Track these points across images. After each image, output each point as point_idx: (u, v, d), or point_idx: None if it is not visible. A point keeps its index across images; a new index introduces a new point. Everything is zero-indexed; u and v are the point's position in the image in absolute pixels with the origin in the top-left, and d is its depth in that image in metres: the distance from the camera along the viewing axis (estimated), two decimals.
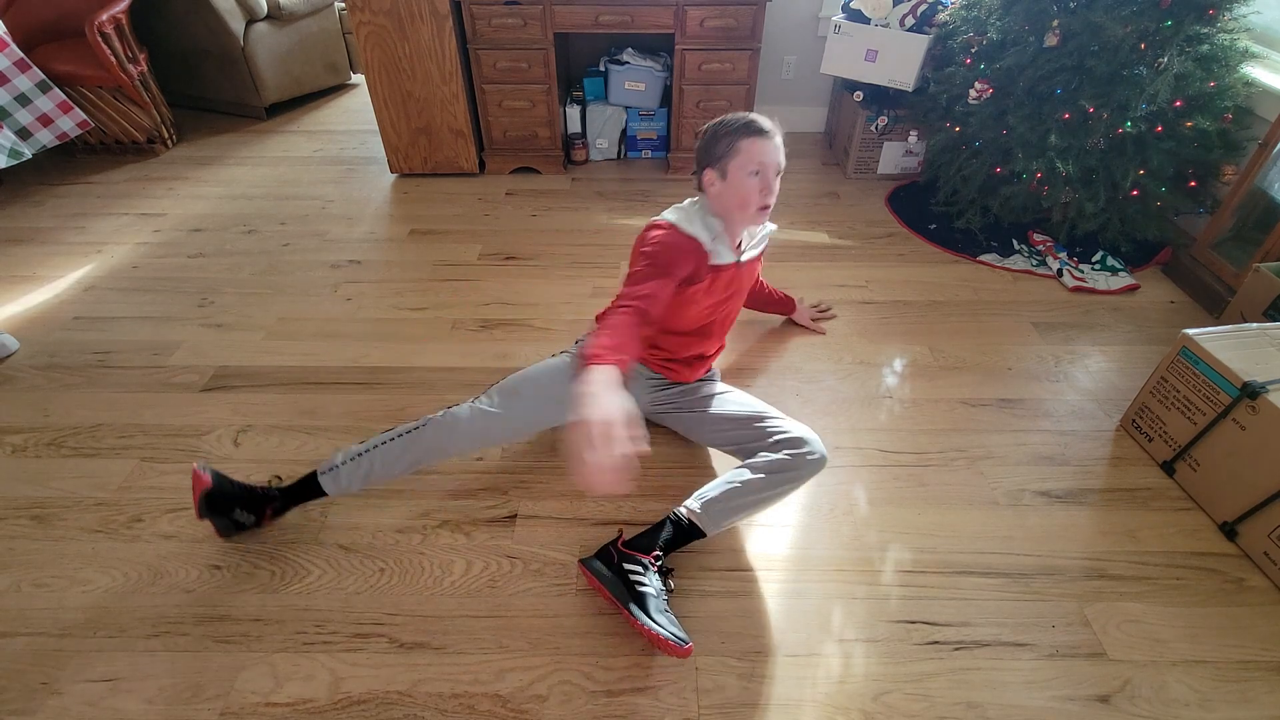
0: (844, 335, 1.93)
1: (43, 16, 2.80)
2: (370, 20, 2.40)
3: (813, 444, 1.30)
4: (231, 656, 1.17)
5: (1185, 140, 1.97)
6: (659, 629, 1.10)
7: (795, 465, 1.27)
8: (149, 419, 1.65)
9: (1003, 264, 2.23)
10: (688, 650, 1.08)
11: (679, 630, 1.12)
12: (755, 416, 1.39)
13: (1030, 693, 1.12)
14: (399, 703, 1.10)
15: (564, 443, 1.41)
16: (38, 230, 2.45)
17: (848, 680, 1.14)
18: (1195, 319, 1.99)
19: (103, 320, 2.00)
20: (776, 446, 1.31)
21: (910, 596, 1.27)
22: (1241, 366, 1.33)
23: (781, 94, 3.16)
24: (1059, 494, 1.47)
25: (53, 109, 2.53)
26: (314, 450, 1.56)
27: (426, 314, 2.03)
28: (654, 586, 1.17)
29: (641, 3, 2.42)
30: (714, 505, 1.26)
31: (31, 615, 1.23)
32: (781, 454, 1.29)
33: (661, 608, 1.14)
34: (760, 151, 1.21)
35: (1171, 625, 1.22)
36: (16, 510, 1.42)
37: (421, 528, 1.39)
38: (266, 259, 2.29)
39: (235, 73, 3.19)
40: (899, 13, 2.44)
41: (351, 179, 2.83)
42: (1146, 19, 1.85)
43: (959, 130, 2.30)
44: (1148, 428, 1.55)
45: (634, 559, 1.21)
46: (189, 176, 2.84)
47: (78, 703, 1.10)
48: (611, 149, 2.96)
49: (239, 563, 1.32)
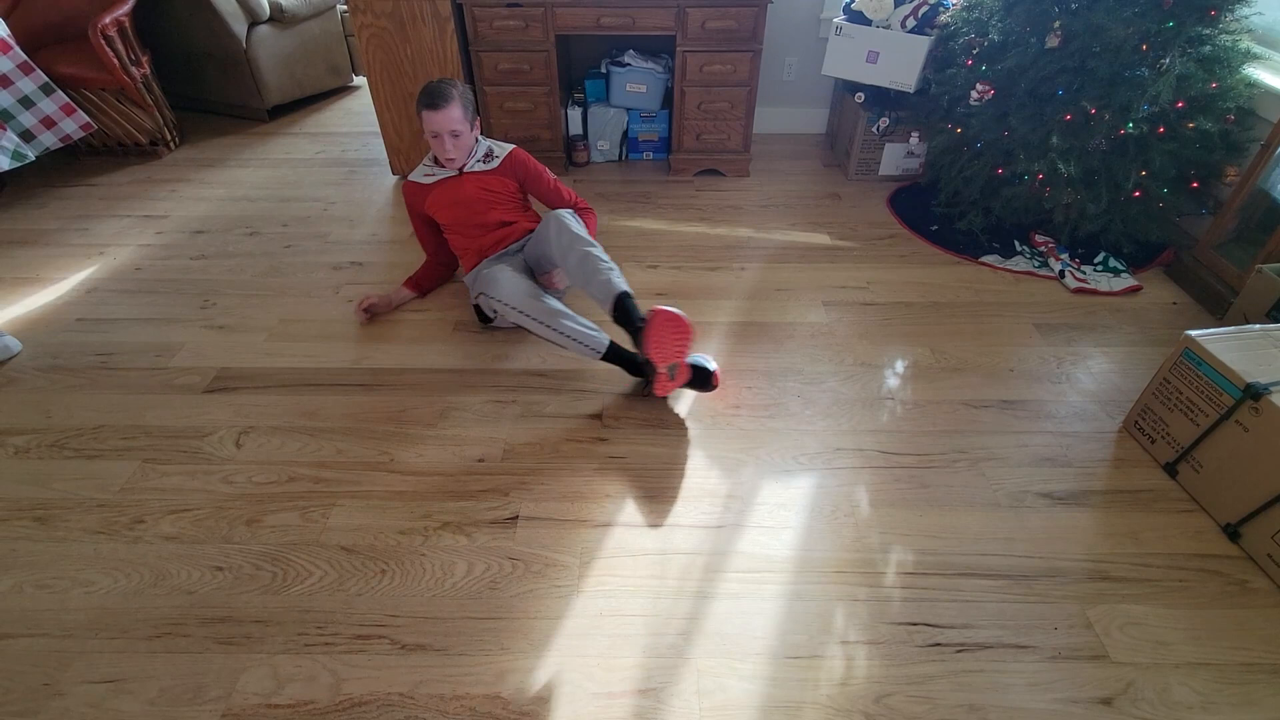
0: (846, 337, 1.93)
1: (46, 19, 2.81)
2: (372, 22, 2.41)
3: (551, 214, 1.75)
4: (233, 658, 1.17)
5: (1187, 141, 1.96)
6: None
7: (557, 221, 1.71)
8: (151, 420, 1.65)
9: (1004, 265, 2.23)
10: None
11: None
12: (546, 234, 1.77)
13: (1033, 695, 1.12)
14: (400, 704, 1.10)
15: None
16: (41, 232, 2.45)
17: (849, 682, 1.14)
18: (1198, 320, 1.99)
19: (105, 322, 2.00)
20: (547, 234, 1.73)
21: (912, 598, 1.27)
22: (1244, 368, 1.33)
23: (782, 95, 3.16)
24: (1061, 495, 1.46)
25: (56, 111, 2.54)
26: (316, 452, 1.57)
27: (428, 315, 2.03)
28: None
29: (643, 4, 2.42)
30: (605, 278, 1.63)
31: (34, 616, 1.23)
32: (554, 230, 1.71)
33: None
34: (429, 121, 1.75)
35: (1174, 627, 1.22)
36: (19, 511, 1.43)
37: (423, 529, 1.39)
38: (268, 261, 2.29)
39: (237, 75, 3.20)
40: (900, 14, 2.44)
41: (353, 181, 2.83)
42: (1148, 20, 1.85)
43: (960, 131, 2.30)
44: (1150, 429, 1.55)
45: (651, 364, 1.57)
46: (191, 178, 2.85)
47: (80, 704, 1.10)
48: (613, 151, 2.97)
49: (241, 564, 1.32)
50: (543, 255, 1.79)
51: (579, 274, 1.66)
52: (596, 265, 1.64)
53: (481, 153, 1.93)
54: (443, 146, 1.79)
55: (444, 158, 1.82)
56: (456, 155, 1.82)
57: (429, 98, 1.73)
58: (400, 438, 1.61)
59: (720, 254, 2.31)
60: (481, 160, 1.92)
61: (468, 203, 1.89)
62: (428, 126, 1.77)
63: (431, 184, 1.91)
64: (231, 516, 1.42)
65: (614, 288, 1.62)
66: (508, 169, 1.93)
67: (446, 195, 1.90)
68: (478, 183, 1.90)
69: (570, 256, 1.67)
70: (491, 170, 1.92)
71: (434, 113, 1.74)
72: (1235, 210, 1.99)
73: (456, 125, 1.77)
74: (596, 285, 1.64)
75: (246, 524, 1.40)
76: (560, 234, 1.69)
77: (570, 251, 1.67)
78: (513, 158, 1.94)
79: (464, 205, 1.89)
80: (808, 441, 1.59)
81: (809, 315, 2.02)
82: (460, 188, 1.89)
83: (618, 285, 1.63)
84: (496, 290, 1.61)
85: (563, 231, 1.69)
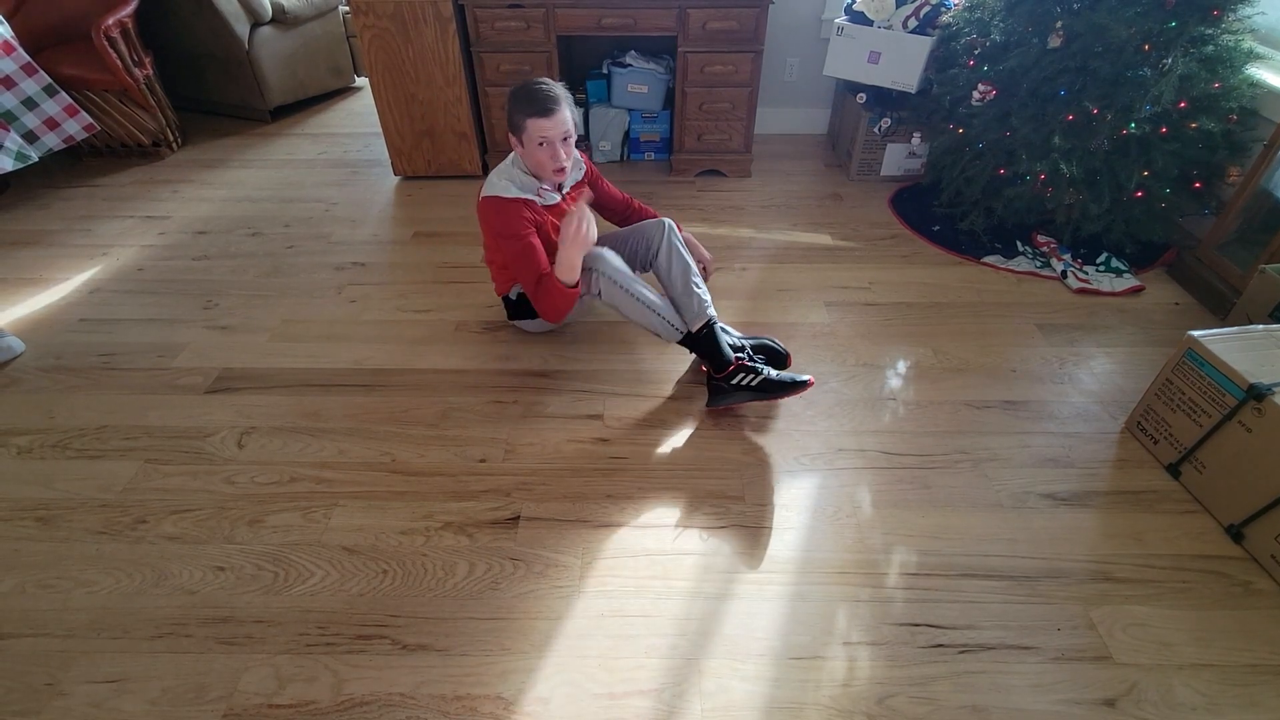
0: (847, 337, 1.93)
1: (49, 20, 2.82)
2: (374, 23, 2.41)
3: (663, 221, 1.74)
4: (235, 658, 1.17)
5: (1190, 141, 1.96)
6: (786, 376, 1.60)
7: (670, 237, 1.71)
8: (154, 421, 1.65)
9: (1006, 265, 2.23)
10: (809, 381, 1.58)
11: (797, 375, 1.59)
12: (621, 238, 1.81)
13: (1035, 696, 1.11)
14: (402, 705, 1.10)
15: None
16: (44, 233, 2.46)
17: (852, 683, 1.14)
18: (1200, 321, 1.99)
19: (108, 322, 2.01)
20: (654, 240, 1.73)
21: (914, 599, 1.26)
22: (1247, 368, 1.32)
23: (784, 96, 3.16)
24: (1064, 496, 1.46)
25: (59, 112, 2.54)
26: (318, 452, 1.57)
27: (430, 316, 2.03)
28: (760, 370, 1.59)
29: (644, 5, 2.42)
30: (698, 300, 1.65)
31: (36, 616, 1.23)
32: (665, 241, 1.71)
33: (774, 374, 1.59)
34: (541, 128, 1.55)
35: (1178, 629, 1.21)
36: (21, 512, 1.43)
37: (424, 529, 1.39)
38: (271, 261, 2.29)
39: (240, 76, 3.20)
40: (901, 14, 2.43)
41: (355, 181, 2.84)
42: (1151, 20, 1.84)
43: (962, 132, 2.30)
44: (1153, 430, 1.54)
45: (731, 374, 1.59)
46: (194, 179, 2.85)
47: (82, 704, 1.10)
48: (614, 151, 2.97)
49: (242, 564, 1.32)
50: (637, 249, 1.77)
51: (678, 284, 1.67)
52: (694, 284, 1.67)
53: (574, 163, 1.74)
54: (555, 155, 1.56)
55: (557, 167, 1.58)
56: (570, 164, 1.61)
57: (538, 104, 1.51)
58: (402, 438, 1.61)
59: (722, 254, 2.31)
60: (573, 170, 1.76)
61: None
62: (536, 134, 1.53)
63: (545, 206, 1.69)
64: (233, 517, 1.42)
65: (709, 311, 1.65)
66: (588, 171, 1.85)
67: (557, 218, 1.73)
68: (572, 199, 1.78)
69: (674, 266, 1.68)
70: (580, 181, 1.82)
71: (546, 120, 1.51)
72: (1238, 210, 1.98)
73: (572, 128, 1.58)
74: (695, 302, 1.65)
75: (248, 524, 1.40)
76: (670, 238, 1.70)
77: (674, 260, 1.68)
78: (586, 159, 1.85)
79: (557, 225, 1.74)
80: (810, 442, 1.59)
81: (811, 315, 2.02)
82: (562, 209, 1.75)
83: (711, 311, 1.66)
84: (602, 265, 1.61)
85: (672, 237, 1.71)
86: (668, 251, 1.70)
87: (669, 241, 1.71)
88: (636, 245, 1.78)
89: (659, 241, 1.71)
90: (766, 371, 1.59)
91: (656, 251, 1.72)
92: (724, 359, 1.61)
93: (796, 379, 1.58)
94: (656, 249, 1.72)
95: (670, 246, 1.70)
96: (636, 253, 1.78)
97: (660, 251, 1.71)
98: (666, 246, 1.70)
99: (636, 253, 1.78)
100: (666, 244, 1.71)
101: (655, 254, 1.72)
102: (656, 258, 1.72)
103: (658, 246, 1.71)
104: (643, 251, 1.76)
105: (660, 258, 1.71)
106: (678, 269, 1.68)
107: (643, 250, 1.76)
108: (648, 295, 1.65)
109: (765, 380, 1.58)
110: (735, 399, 1.62)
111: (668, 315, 1.66)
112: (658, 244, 1.72)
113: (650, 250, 1.74)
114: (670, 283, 1.70)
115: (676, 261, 1.69)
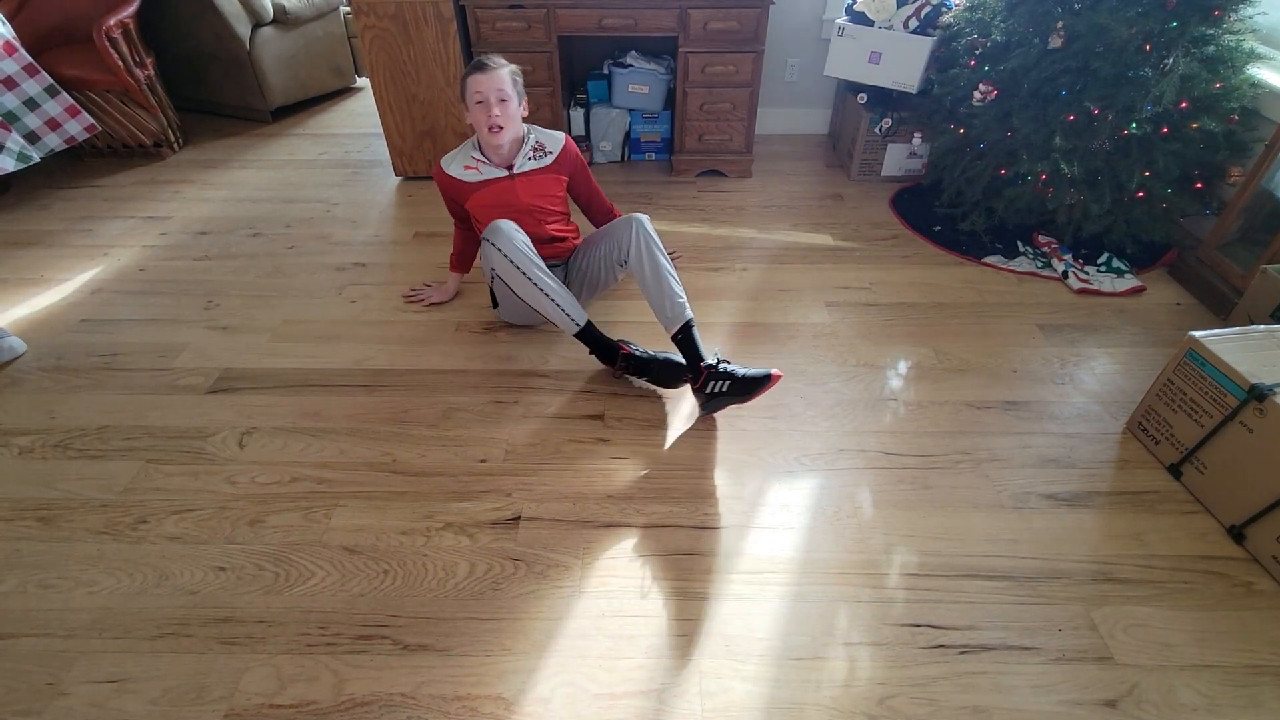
0: (848, 338, 1.93)
1: (51, 21, 2.82)
2: (375, 24, 2.41)
3: (633, 217, 1.70)
4: (236, 658, 1.17)
5: (1191, 142, 1.96)
6: (753, 370, 1.56)
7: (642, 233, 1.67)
8: (154, 421, 1.66)
9: (1007, 266, 2.23)
10: (777, 375, 1.54)
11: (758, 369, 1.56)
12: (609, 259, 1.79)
13: (1037, 697, 1.11)
14: (402, 705, 1.10)
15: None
16: (45, 233, 2.46)
17: (852, 684, 1.14)
18: (1202, 321, 1.98)
19: (109, 323, 2.01)
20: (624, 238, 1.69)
21: (915, 600, 1.26)
22: (1248, 369, 1.32)
23: (785, 96, 3.16)
24: (1065, 497, 1.46)
25: (60, 113, 2.55)
26: (319, 452, 1.57)
27: (430, 316, 2.03)
28: (730, 373, 1.55)
29: (645, 6, 2.42)
30: (670, 301, 1.62)
31: (37, 616, 1.23)
32: (635, 237, 1.67)
33: (741, 372, 1.55)
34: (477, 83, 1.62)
35: (1179, 629, 1.21)
36: (23, 512, 1.43)
37: (425, 530, 1.39)
38: (272, 262, 2.30)
39: (241, 77, 3.21)
40: (902, 15, 2.43)
41: (356, 182, 2.84)
42: (1152, 20, 1.84)
43: (963, 132, 2.30)
44: (1154, 430, 1.54)
45: (705, 382, 1.57)
46: (195, 180, 2.85)
47: (83, 703, 1.11)
48: (615, 151, 2.97)
49: (243, 564, 1.32)
50: (609, 251, 1.75)
51: (650, 283, 1.64)
52: (670, 285, 1.63)
53: (531, 146, 1.77)
54: (488, 113, 1.62)
55: (490, 124, 1.64)
56: (505, 126, 1.65)
57: (476, 63, 1.62)
58: (402, 438, 1.61)
59: (722, 254, 2.31)
60: (532, 156, 1.77)
61: (521, 212, 1.76)
62: (473, 91, 1.62)
63: (475, 183, 1.76)
64: (234, 517, 1.42)
65: (684, 314, 1.62)
66: (564, 164, 1.81)
67: (493, 198, 1.76)
68: (531, 188, 1.78)
69: (647, 264, 1.65)
70: (545, 168, 1.79)
71: (481, 74, 1.61)
72: (1239, 211, 1.98)
73: (506, 90, 1.63)
74: (668, 303, 1.63)
75: (249, 524, 1.40)
76: (640, 235, 1.66)
77: (648, 258, 1.65)
78: (568, 150, 1.81)
79: (514, 214, 1.75)
80: (810, 442, 1.59)
81: (811, 316, 2.02)
82: (512, 193, 1.76)
83: (687, 313, 1.63)
84: (499, 238, 1.59)
85: (642, 233, 1.66)
86: (639, 251, 1.66)
87: (638, 239, 1.66)
88: (610, 248, 1.75)
89: (628, 241, 1.68)
90: (735, 371, 1.56)
91: (628, 251, 1.68)
92: (699, 360, 1.59)
93: (768, 373, 1.55)
94: (627, 249, 1.68)
95: (640, 245, 1.66)
96: (610, 254, 1.76)
97: (631, 251, 1.67)
98: (637, 246, 1.66)
99: (610, 254, 1.76)
100: (637, 243, 1.66)
101: (627, 254, 1.69)
102: (629, 258, 1.69)
103: (628, 246, 1.68)
104: (617, 253, 1.73)
105: (632, 258, 1.68)
106: (649, 268, 1.64)
107: (616, 252, 1.73)
108: (545, 280, 1.62)
109: (734, 381, 1.55)
110: (719, 404, 1.60)
111: (566, 305, 1.65)
112: (628, 244, 1.68)
113: (622, 251, 1.70)
114: (643, 283, 1.66)
115: (648, 261, 1.65)
